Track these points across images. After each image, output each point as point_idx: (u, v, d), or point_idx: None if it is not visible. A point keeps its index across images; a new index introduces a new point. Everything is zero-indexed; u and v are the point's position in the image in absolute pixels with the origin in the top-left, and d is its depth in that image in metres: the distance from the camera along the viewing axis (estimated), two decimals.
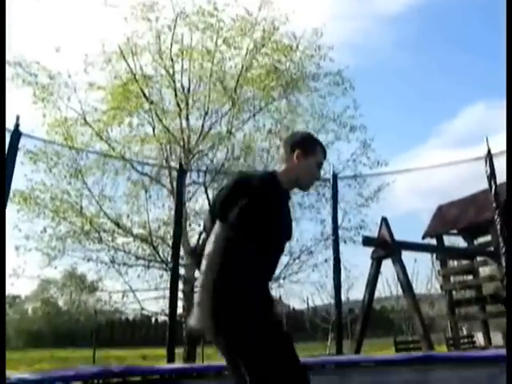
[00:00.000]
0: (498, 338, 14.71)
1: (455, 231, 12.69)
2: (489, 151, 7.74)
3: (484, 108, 64.44)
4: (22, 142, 7.54)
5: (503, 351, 6.69)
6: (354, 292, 15.08)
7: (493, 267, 11.28)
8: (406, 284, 9.97)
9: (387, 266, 10.28)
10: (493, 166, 7.76)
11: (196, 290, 2.27)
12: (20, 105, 10.68)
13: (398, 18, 60.71)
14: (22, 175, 10.23)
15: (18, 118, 6.89)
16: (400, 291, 15.67)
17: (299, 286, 12.20)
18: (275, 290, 12.57)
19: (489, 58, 64.19)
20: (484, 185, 8.29)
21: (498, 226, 7.68)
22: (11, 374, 5.16)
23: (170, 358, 7.34)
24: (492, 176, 7.74)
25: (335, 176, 8.66)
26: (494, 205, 7.73)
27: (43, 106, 10.76)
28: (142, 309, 11.42)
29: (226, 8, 11.01)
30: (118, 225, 10.87)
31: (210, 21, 10.94)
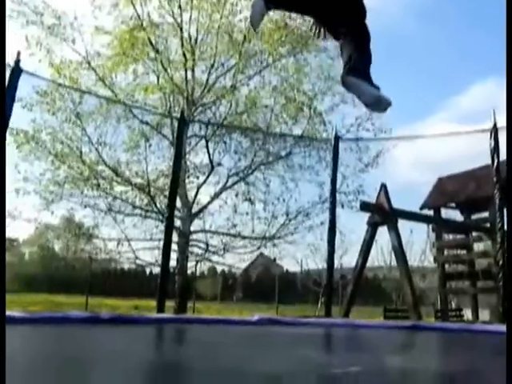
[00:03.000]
0: (485, 315, 14.84)
1: (453, 205, 12.66)
2: (495, 125, 7.56)
3: (494, 85, 63.38)
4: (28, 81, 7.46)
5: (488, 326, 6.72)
6: (348, 258, 15.13)
7: (487, 243, 11.29)
8: (399, 252, 9.97)
9: (383, 234, 10.28)
10: (497, 140, 7.58)
11: None
12: (23, 45, 10.53)
13: None
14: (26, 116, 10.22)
15: (18, 54, 6.69)
16: (393, 262, 15.81)
17: (294, 247, 12.27)
18: (269, 250, 12.65)
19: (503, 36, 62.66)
20: (485, 161, 8.14)
21: (497, 203, 7.57)
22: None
23: (160, 310, 7.33)
24: (495, 150, 7.57)
25: (337, 138, 8.53)
26: (495, 180, 7.61)
27: (47, 47, 10.60)
28: (136, 258, 11.53)
29: None
30: (116, 173, 10.86)
31: None
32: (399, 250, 9.91)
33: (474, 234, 11.95)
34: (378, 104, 2.78)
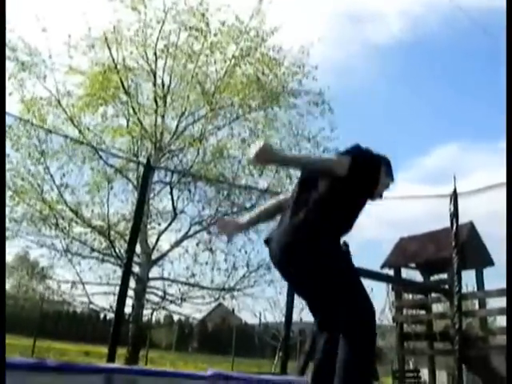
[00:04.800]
0: (442, 376, 14.79)
1: (413, 265, 12.77)
2: (455, 190, 7.78)
3: (457, 148, 66.05)
4: None
5: None
6: (308, 313, 14.99)
7: (445, 305, 11.36)
8: None
9: None
10: (457, 204, 7.78)
11: None
12: None
13: (387, 48, 61.90)
14: None
15: None
16: None
17: (253, 300, 12.09)
18: (228, 302, 12.45)
19: (471, 99, 65.79)
20: (446, 223, 8.32)
21: (455, 265, 7.69)
22: None
23: (111, 358, 7.05)
24: (455, 215, 7.77)
25: None
26: (454, 243, 7.75)
27: (17, 83, 10.52)
28: (90, 302, 11.16)
29: (217, 12, 10.97)
30: (76, 213, 10.64)
31: (199, 23, 10.87)
32: None
33: (433, 294, 12.03)
34: None
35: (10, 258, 12.10)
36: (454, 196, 7.73)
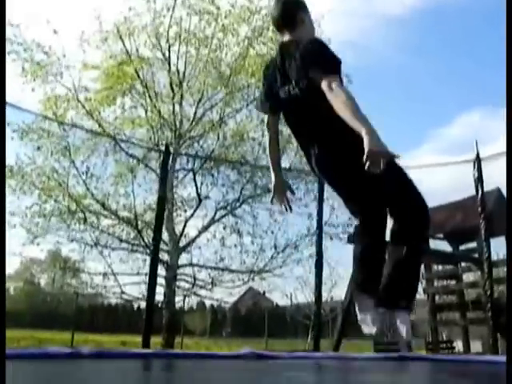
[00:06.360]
0: (477, 346, 14.65)
1: (441, 235, 12.63)
2: (477, 155, 7.61)
3: (480, 116, 64.79)
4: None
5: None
6: (339, 290, 15.03)
7: (476, 274, 11.23)
8: None
9: None
10: (481, 170, 7.61)
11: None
12: (9, 80, 10.57)
13: (400, 19, 60.84)
14: (11, 150, 10.25)
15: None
16: None
17: (283, 281, 12.17)
18: (258, 284, 12.52)
19: (489, 66, 64.29)
20: (471, 191, 8.17)
21: (483, 232, 7.56)
22: None
23: (146, 346, 7.12)
24: (479, 181, 7.61)
25: None
26: (480, 210, 7.62)
27: (33, 81, 10.62)
28: (123, 292, 11.37)
29: None
30: (103, 206, 10.79)
31: (209, 6, 10.81)
32: None
33: (463, 264, 11.90)
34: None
35: (42, 255, 12.38)
36: (478, 161, 7.56)
